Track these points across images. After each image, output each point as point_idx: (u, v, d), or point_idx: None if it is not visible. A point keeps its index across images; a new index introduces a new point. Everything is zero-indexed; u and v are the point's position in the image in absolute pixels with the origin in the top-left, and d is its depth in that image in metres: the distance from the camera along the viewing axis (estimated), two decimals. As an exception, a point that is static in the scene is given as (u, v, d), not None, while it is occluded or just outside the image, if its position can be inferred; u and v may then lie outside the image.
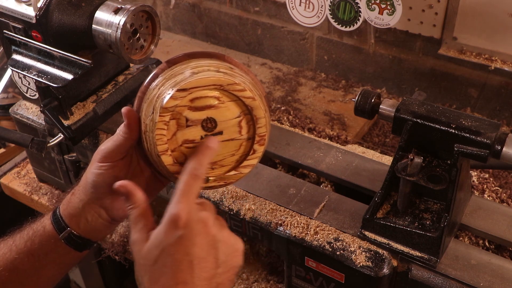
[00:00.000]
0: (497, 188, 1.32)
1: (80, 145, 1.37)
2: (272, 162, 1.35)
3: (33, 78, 1.17)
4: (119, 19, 1.09)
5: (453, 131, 0.96)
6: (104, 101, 1.28)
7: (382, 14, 1.26)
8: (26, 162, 1.73)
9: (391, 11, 1.25)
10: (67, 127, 1.20)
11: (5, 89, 1.86)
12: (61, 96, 1.18)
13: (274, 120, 1.64)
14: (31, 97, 1.42)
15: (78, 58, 1.12)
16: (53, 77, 1.14)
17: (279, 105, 1.75)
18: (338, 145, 1.33)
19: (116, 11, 1.10)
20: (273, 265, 1.38)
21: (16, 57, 1.21)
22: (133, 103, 0.86)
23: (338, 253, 1.05)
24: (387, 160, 1.28)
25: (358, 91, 1.08)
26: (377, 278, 1.02)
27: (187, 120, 0.81)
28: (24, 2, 1.16)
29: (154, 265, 0.74)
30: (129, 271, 1.94)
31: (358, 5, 1.28)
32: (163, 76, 0.83)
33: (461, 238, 1.14)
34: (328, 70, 1.98)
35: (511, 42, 1.53)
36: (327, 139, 1.53)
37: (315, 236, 1.08)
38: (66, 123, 1.21)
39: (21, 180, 1.68)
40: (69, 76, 1.13)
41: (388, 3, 1.24)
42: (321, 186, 1.25)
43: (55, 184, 1.62)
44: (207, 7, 2.12)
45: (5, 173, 1.71)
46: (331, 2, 1.30)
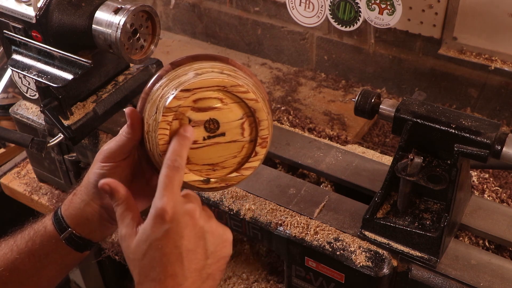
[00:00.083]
0: (497, 188, 1.32)
1: (80, 145, 1.37)
2: (272, 162, 1.35)
3: (33, 78, 1.17)
4: (119, 19, 1.09)
5: (453, 131, 0.96)
6: (104, 101, 1.28)
7: (382, 14, 1.26)
8: (26, 162, 1.73)
9: (391, 11, 1.25)
10: (67, 127, 1.20)
11: (5, 89, 1.86)
12: (61, 96, 1.18)
13: (274, 120, 1.64)
14: (31, 97, 1.42)
15: (78, 58, 1.12)
16: (53, 77, 1.14)
17: (279, 105, 1.75)
18: (338, 145, 1.33)
19: (116, 11, 1.10)
20: (273, 265, 1.38)
21: (16, 57, 1.20)
22: (133, 103, 0.86)
23: (338, 253, 1.05)
24: (387, 160, 1.28)
25: (358, 91, 1.08)
26: (377, 278, 1.02)
27: (190, 120, 0.82)
28: (24, 2, 1.16)
29: (143, 259, 0.74)
30: (129, 271, 1.95)
31: (358, 5, 1.28)
32: (166, 78, 0.83)
33: (461, 238, 1.14)
34: (328, 70, 1.98)
35: (511, 42, 1.53)
36: (327, 139, 1.53)
37: (315, 236, 1.08)
38: (66, 123, 1.21)
39: (21, 180, 1.68)
40: (69, 76, 1.13)
41: (388, 3, 1.24)
42: (321, 186, 1.25)
43: (55, 184, 1.62)
44: (207, 7, 2.12)
45: (5, 173, 1.71)
46: (331, 2, 1.30)
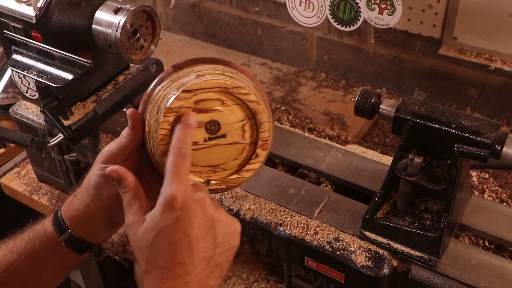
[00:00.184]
0: (497, 188, 1.32)
1: (80, 145, 1.37)
2: (272, 162, 1.35)
3: (33, 78, 1.17)
4: (119, 19, 1.09)
5: (453, 131, 0.96)
6: (104, 101, 1.28)
7: (382, 14, 1.26)
8: (26, 162, 1.73)
9: (391, 11, 1.25)
10: (67, 127, 1.20)
11: (5, 89, 1.86)
12: (61, 96, 1.18)
13: (274, 120, 1.64)
14: (31, 97, 1.42)
15: (78, 58, 1.12)
16: (53, 77, 1.14)
17: (279, 105, 1.75)
18: (338, 145, 1.33)
19: (116, 11, 1.10)
20: (273, 265, 1.38)
21: (16, 57, 1.20)
22: (134, 103, 0.87)
23: (338, 253, 1.05)
24: (387, 160, 1.28)
25: (358, 91, 1.08)
26: (377, 278, 1.02)
27: None
28: (24, 2, 1.16)
29: (151, 246, 0.73)
30: (129, 271, 1.95)
31: (358, 5, 1.28)
32: (168, 80, 0.83)
33: (461, 238, 1.14)
34: (328, 70, 1.98)
35: (511, 42, 1.53)
36: (327, 139, 1.53)
37: (315, 236, 1.08)
38: (66, 123, 1.21)
39: (21, 180, 1.68)
40: (69, 76, 1.13)
41: (388, 3, 1.24)
42: (321, 186, 1.25)
43: (55, 184, 1.62)
44: (207, 7, 2.12)
45: (5, 173, 1.71)
46: (331, 2, 1.30)
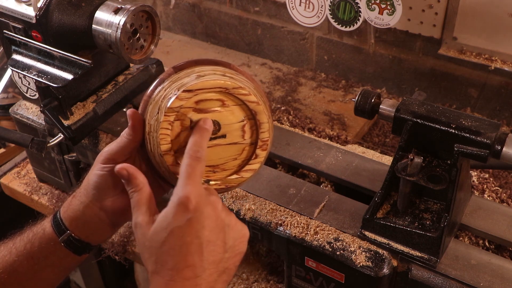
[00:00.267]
0: (497, 188, 1.32)
1: (80, 145, 1.37)
2: (272, 162, 1.35)
3: (33, 78, 1.17)
4: (119, 19, 1.09)
5: (453, 131, 0.96)
6: (104, 101, 1.28)
7: (382, 14, 1.26)
8: (26, 162, 1.73)
9: (391, 11, 1.25)
10: (67, 127, 1.20)
11: (5, 89, 1.86)
12: (61, 96, 1.18)
13: (274, 120, 1.64)
14: (31, 97, 1.42)
15: (78, 58, 1.12)
16: (53, 77, 1.14)
17: (279, 105, 1.75)
18: (338, 145, 1.33)
19: (116, 11, 1.10)
20: (273, 265, 1.38)
21: (16, 57, 1.20)
22: (134, 103, 0.87)
23: (338, 253, 1.05)
24: (387, 160, 1.28)
25: (358, 91, 1.08)
26: (377, 278, 1.02)
27: (191, 121, 0.82)
28: (24, 2, 1.16)
29: (162, 247, 0.73)
30: (129, 271, 1.95)
31: (358, 5, 1.28)
32: (169, 80, 0.84)
33: (461, 238, 1.14)
34: (328, 70, 1.98)
35: (511, 42, 1.53)
36: (327, 139, 1.53)
37: (315, 236, 1.08)
38: (66, 123, 1.21)
39: (21, 180, 1.68)
40: (69, 76, 1.13)
41: (388, 3, 1.24)
42: (321, 186, 1.25)
43: (55, 184, 1.62)
44: (207, 7, 2.12)
45: (5, 173, 1.71)
46: (331, 2, 1.30)
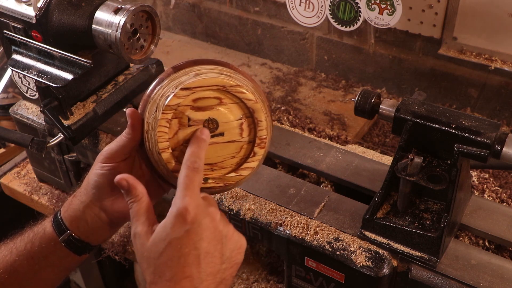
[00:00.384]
0: (497, 188, 1.31)
1: (80, 145, 1.37)
2: (272, 162, 1.35)
3: (33, 78, 1.17)
4: (119, 19, 1.09)
5: (453, 131, 0.96)
6: (104, 101, 1.28)
7: (382, 14, 1.26)
8: (26, 162, 1.73)
9: (391, 11, 1.25)
10: (67, 127, 1.20)
11: (5, 89, 1.86)
12: (61, 96, 1.18)
13: (274, 120, 1.64)
14: (31, 97, 1.42)
15: (78, 58, 1.12)
16: (53, 77, 1.14)
17: (279, 105, 1.75)
18: (338, 145, 1.33)
19: (116, 11, 1.10)
20: (273, 265, 1.38)
21: (16, 57, 1.20)
22: (134, 103, 0.87)
23: (338, 253, 1.05)
24: (387, 160, 1.28)
25: (358, 91, 1.08)
26: (377, 278, 1.02)
27: (189, 119, 0.83)
28: (24, 2, 1.16)
29: (160, 258, 0.73)
30: (129, 271, 1.95)
31: (358, 5, 1.28)
32: (168, 80, 0.84)
33: (461, 238, 1.14)
34: (328, 70, 1.98)
35: (511, 42, 1.53)
36: (327, 139, 1.53)
37: (315, 236, 1.08)
38: (66, 123, 1.21)
39: (21, 180, 1.68)
40: (69, 76, 1.13)
41: (388, 3, 1.24)
42: (321, 186, 1.25)
43: (55, 184, 1.62)
44: (207, 7, 2.12)
45: (5, 173, 1.71)
46: (331, 2, 1.30)
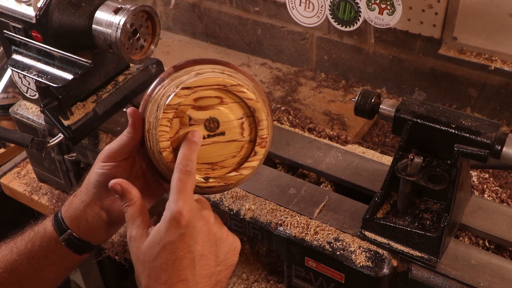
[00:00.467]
0: (497, 188, 1.32)
1: (80, 145, 1.37)
2: (272, 162, 1.35)
3: (33, 78, 1.17)
4: (119, 19, 1.09)
5: (453, 131, 0.96)
6: (104, 101, 1.28)
7: (382, 14, 1.26)
8: (26, 162, 1.73)
9: (391, 11, 1.25)
10: (67, 127, 1.20)
11: (5, 89, 1.86)
12: (61, 96, 1.18)
13: (274, 120, 1.64)
14: (31, 97, 1.42)
15: (78, 58, 1.12)
16: (53, 77, 1.14)
17: (279, 105, 1.75)
18: (338, 145, 1.33)
19: (116, 11, 1.10)
20: (273, 265, 1.38)
21: (16, 57, 1.20)
22: (134, 103, 0.87)
23: (338, 253, 1.05)
24: (387, 160, 1.27)
25: (358, 91, 1.08)
26: (377, 278, 1.02)
27: (190, 119, 0.83)
28: (24, 2, 1.16)
29: (154, 261, 0.74)
30: (129, 271, 1.95)
31: (358, 5, 1.28)
32: (169, 79, 0.85)
33: (461, 238, 1.14)
34: (328, 70, 1.98)
35: (511, 42, 1.53)
36: (327, 139, 1.53)
37: (315, 236, 1.08)
38: (66, 123, 1.21)
39: (21, 180, 1.68)
40: (69, 76, 1.13)
41: (388, 3, 1.24)
42: (321, 186, 1.25)
43: (55, 184, 1.62)
44: (207, 7, 2.12)
45: (5, 173, 1.71)
46: (331, 2, 1.30)
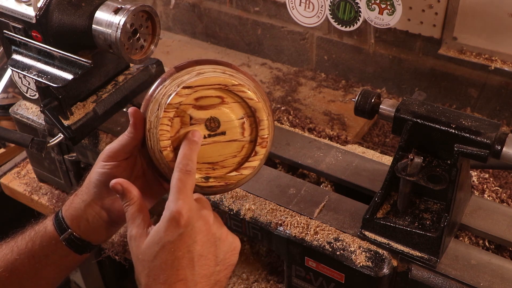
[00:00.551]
0: (497, 188, 1.31)
1: (80, 145, 1.37)
2: (272, 162, 1.35)
3: (33, 78, 1.17)
4: (119, 19, 1.09)
5: (453, 131, 0.96)
6: (104, 101, 1.28)
7: (382, 14, 1.26)
8: (26, 162, 1.73)
9: (391, 11, 1.25)
10: (67, 127, 1.20)
11: (5, 89, 1.86)
12: (61, 96, 1.18)
13: (274, 120, 1.64)
14: (31, 97, 1.42)
15: (78, 58, 1.12)
16: (53, 77, 1.14)
17: (279, 105, 1.75)
18: (338, 145, 1.33)
19: (116, 11, 1.10)
20: (273, 265, 1.38)
21: (16, 57, 1.20)
22: (134, 103, 0.87)
23: (338, 253, 1.05)
24: (387, 160, 1.27)
25: (358, 91, 1.08)
26: (377, 278, 1.02)
27: (191, 118, 0.83)
28: (24, 2, 1.16)
29: (154, 261, 0.74)
30: (129, 271, 1.95)
31: (358, 5, 1.28)
32: (170, 79, 0.85)
33: (461, 238, 1.14)
34: (328, 70, 1.98)
35: (511, 42, 1.53)
36: (327, 139, 1.53)
37: (315, 236, 1.08)
38: (66, 123, 1.21)
39: (21, 180, 1.68)
40: (69, 76, 1.13)
41: (388, 3, 1.24)
42: (321, 186, 1.25)
43: (55, 184, 1.62)
44: (207, 7, 2.12)
45: (5, 173, 1.71)
46: (331, 2, 1.30)
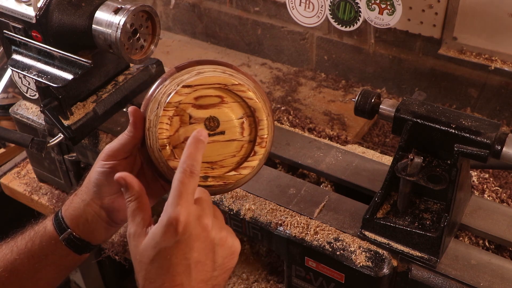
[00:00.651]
0: (497, 188, 1.31)
1: (80, 145, 1.37)
2: (272, 162, 1.35)
3: (33, 78, 1.17)
4: (119, 19, 1.09)
5: (453, 131, 0.96)
6: (104, 101, 1.28)
7: (382, 14, 1.26)
8: (26, 162, 1.73)
9: (391, 11, 1.25)
10: (67, 127, 1.20)
11: (5, 89, 1.86)
12: (61, 96, 1.18)
13: (274, 120, 1.64)
14: (31, 97, 1.42)
15: (78, 58, 1.12)
16: (53, 77, 1.14)
17: (279, 105, 1.75)
18: (338, 145, 1.33)
19: (116, 11, 1.10)
20: (273, 265, 1.38)
21: (16, 57, 1.20)
22: (134, 103, 0.87)
23: (338, 253, 1.05)
24: (387, 160, 1.27)
25: (358, 91, 1.08)
26: (377, 278, 1.02)
27: (190, 117, 0.83)
28: (24, 2, 1.16)
29: (150, 264, 0.73)
30: (129, 271, 1.95)
31: (358, 5, 1.28)
32: (170, 78, 0.85)
33: (461, 238, 1.14)
34: (328, 70, 1.98)
35: (511, 42, 1.53)
36: (327, 139, 1.53)
37: (315, 236, 1.08)
38: (66, 123, 1.21)
39: (21, 180, 1.68)
40: (69, 76, 1.13)
41: (388, 3, 1.24)
42: (321, 186, 1.25)
43: (55, 184, 1.62)
44: (207, 7, 2.12)
45: (5, 173, 1.71)
46: (331, 2, 1.30)
